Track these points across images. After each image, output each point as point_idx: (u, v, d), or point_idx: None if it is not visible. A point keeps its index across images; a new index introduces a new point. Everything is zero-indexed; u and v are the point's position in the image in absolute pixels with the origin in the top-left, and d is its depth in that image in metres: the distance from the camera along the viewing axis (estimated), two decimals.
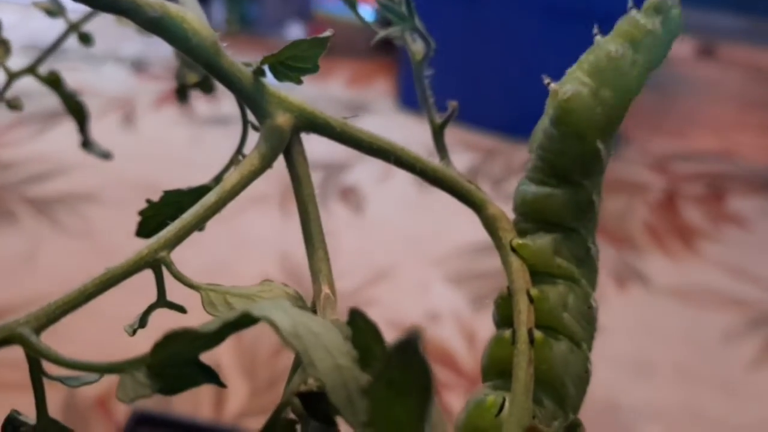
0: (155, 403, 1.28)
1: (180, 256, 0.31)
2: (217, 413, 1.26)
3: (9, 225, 1.67)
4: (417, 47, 0.39)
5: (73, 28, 0.56)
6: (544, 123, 0.35)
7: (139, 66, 2.58)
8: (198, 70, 0.57)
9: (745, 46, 3.19)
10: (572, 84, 0.32)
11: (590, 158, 0.33)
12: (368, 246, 1.73)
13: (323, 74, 2.70)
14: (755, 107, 2.69)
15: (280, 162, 0.33)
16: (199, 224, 0.31)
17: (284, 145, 0.33)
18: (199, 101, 2.43)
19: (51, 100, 0.62)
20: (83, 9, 0.52)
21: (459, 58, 2.21)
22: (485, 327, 1.48)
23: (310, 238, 0.34)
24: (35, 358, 0.27)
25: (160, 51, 2.53)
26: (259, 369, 1.36)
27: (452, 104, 0.38)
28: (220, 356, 1.37)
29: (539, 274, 0.32)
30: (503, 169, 2.08)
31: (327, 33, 0.32)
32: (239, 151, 0.42)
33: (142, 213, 0.39)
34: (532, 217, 0.33)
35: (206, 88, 0.58)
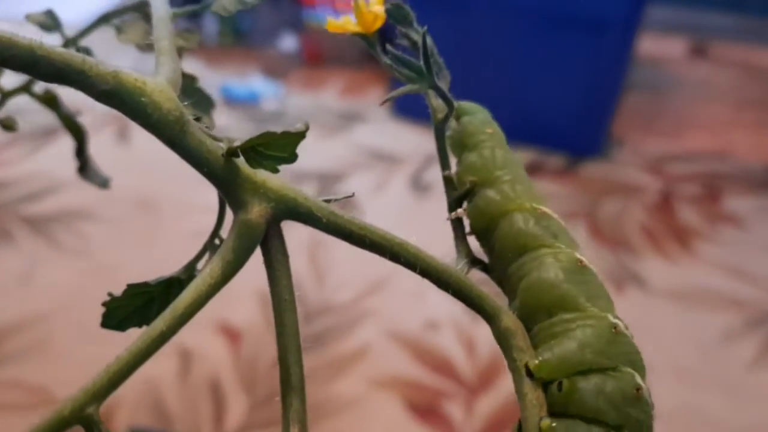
0: (154, 419, 1.28)
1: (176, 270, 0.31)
2: (217, 428, 1.26)
3: (5, 244, 1.67)
4: (439, 105, 0.35)
5: (70, 42, 0.51)
6: None
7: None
8: None
9: (737, 44, 3.19)
10: None
11: None
12: (365, 256, 1.73)
13: (317, 84, 2.71)
14: (749, 106, 2.69)
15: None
16: (137, 366, 0.27)
17: (257, 242, 0.29)
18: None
19: (45, 117, 0.62)
20: (80, 23, 0.52)
21: (450, 65, 2.20)
22: (484, 335, 1.48)
23: (284, 354, 0.30)
24: None
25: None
26: (258, 383, 1.36)
27: None
28: (220, 371, 1.37)
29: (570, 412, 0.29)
30: None
31: (301, 127, 0.28)
32: (215, 234, 0.37)
33: (105, 305, 0.34)
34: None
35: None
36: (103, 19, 0.49)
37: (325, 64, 2.77)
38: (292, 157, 0.29)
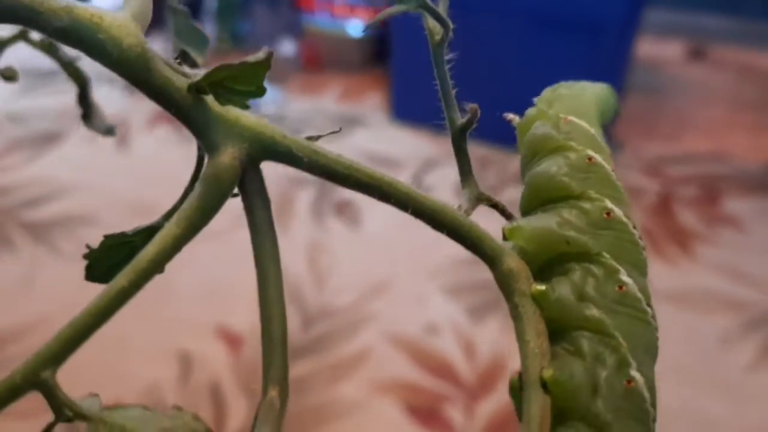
0: None
1: (175, 276, 0.31)
2: None
3: (6, 251, 1.67)
4: (433, 25, 0.32)
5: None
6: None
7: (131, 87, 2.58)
8: None
9: (735, 47, 3.20)
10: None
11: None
12: (365, 260, 1.74)
13: (316, 89, 2.72)
14: (747, 108, 2.70)
15: (272, 179, 0.27)
16: (96, 327, 0.25)
17: (230, 187, 0.26)
18: None
19: (45, 124, 0.62)
20: None
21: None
22: (484, 338, 1.49)
23: (266, 307, 0.27)
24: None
25: None
26: (259, 387, 1.36)
27: (472, 107, 0.31)
28: (220, 375, 1.37)
29: (566, 332, 0.27)
30: (497, 178, 2.08)
31: (261, 56, 0.25)
32: (194, 180, 0.32)
33: (86, 256, 0.32)
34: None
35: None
36: None
37: (324, 68, 2.78)
38: (260, 91, 0.26)
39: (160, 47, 0.27)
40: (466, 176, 0.31)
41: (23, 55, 0.66)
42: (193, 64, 0.35)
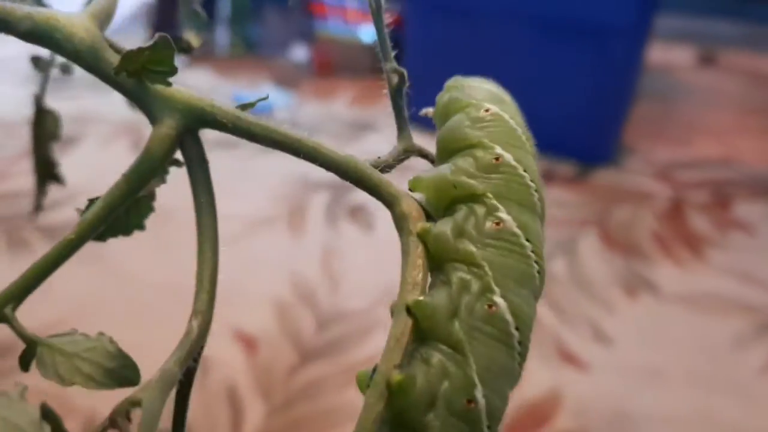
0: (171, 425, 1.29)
1: (192, 280, 0.32)
2: None
3: (23, 253, 1.69)
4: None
5: None
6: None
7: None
8: None
9: (744, 52, 3.20)
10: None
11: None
12: (379, 264, 1.75)
13: (327, 94, 2.73)
14: (756, 113, 2.70)
15: (287, 184, 0.31)
16: (49, 273, 0.30)
17: (167, 152, 0.31)
18: None
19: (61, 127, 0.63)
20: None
21: (454, 72, 2.22)
22: None
23: (201, 251, 0.31)
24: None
25: None
26: (275, 389, 1.37)
27: (399, 71, 0.35)
28: (237, 377, 1.38)
29: (444, 266, 0.29)
30: None
31: (155, 40, 0.30)
32: None
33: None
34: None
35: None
36: None
37: (336, 73, 2.80)
38: (172, 70, 0.30)
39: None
40: (401, 131, 0.35)
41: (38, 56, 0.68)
42: (187, 47, 0.40)
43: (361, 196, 1.91)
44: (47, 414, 0.28)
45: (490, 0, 2.20)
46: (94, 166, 2.19)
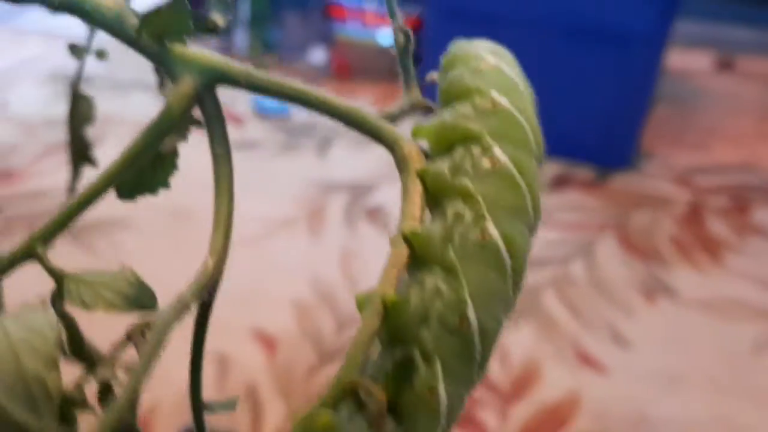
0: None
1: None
2: None
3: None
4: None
5: None
6: None
7: (164, 93, 2.62)
8: None
9: (763, 58, 3.19)
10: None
11: None
12: None
13: (346, 97, 2.72)
14: None
15: (306, 186, 0.33)
16: (78, 213, 0.34)
17: (186, 106, 0.34)
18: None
19: None
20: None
21: None
22: (517, 344, 1.50)
23: (218, 196, 0.34)
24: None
25: None
26: (295, 389, 1.38)
27: (403, 28, 0.37)
28: (257, 376, 1.39)
29: (441, 201, 0.31)
30: None
31: (168, 2, 0.33)
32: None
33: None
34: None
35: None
36: None
37: (354, 76, 2.80)
38: (188, 29, 0.33)
39: None
40: (407, 86, 0.37)
41: (59, 62, 0.69)
42: (213, 27, 0.43)
43: (378, 198, 1.92)
44: (63, 316, 0.32)
45: (509, 5, 2.20)
46: None
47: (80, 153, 0.63)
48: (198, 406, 0.38)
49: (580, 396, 1.40)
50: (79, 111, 0.64)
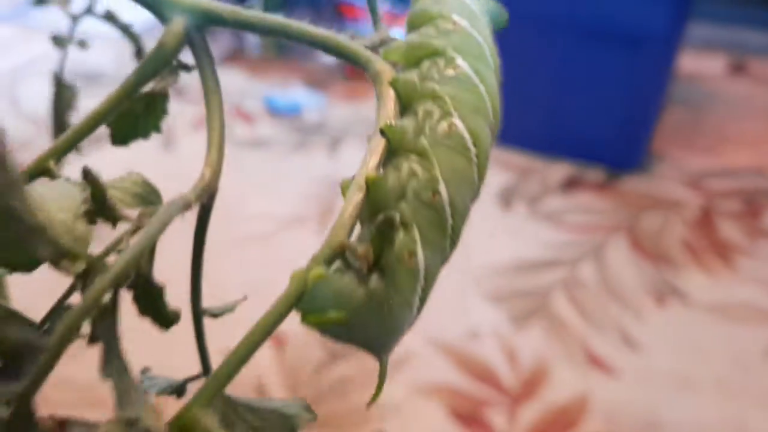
0: None
1: (223, 276, 0.34)
2: None
3: None
4: None
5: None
6: None
7: (178, 90, 2.62)
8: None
9: None
10: None
11: None
12: None
13: (358, 96, 2.74)
14: None
15: (316, 184, 0.34)
16: (83, 137, 0.36)
17: (177, 47, 0.35)
18: (236, 124, 2.44)
19: None
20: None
21: None
22: (527, 345, 1.49)
23: (210, 120, 0.36)
24: None
25: (196, 76, 2.57)
26: (302, 387, 1.38)
27: None
28: (264, 374, 1.39)
29: (412, 104, 0.34)
30: (539, 187, 2.09)
31: None
32: None
33: (109, 125, 0.41)
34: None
35: None
36: None
37: (364, 76, 2.80)
38: None
39: None
40: (376, 24, 0.41)
41: (70, 59, 0.70)
42: None
43: None
44: (87, 174, 0.33)
45: (523, 7, 2.20)
46: (126, 162, 2.21)
47: None
48: (198, 312, 0.40)
49: (589, 398, 1.39)
50: (63, 98, 0.69)
